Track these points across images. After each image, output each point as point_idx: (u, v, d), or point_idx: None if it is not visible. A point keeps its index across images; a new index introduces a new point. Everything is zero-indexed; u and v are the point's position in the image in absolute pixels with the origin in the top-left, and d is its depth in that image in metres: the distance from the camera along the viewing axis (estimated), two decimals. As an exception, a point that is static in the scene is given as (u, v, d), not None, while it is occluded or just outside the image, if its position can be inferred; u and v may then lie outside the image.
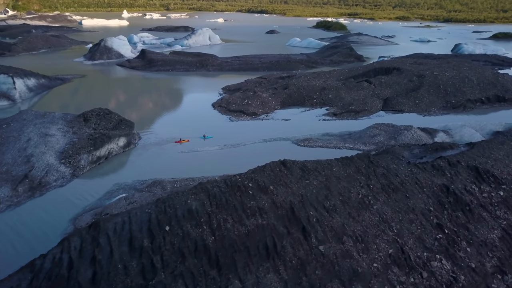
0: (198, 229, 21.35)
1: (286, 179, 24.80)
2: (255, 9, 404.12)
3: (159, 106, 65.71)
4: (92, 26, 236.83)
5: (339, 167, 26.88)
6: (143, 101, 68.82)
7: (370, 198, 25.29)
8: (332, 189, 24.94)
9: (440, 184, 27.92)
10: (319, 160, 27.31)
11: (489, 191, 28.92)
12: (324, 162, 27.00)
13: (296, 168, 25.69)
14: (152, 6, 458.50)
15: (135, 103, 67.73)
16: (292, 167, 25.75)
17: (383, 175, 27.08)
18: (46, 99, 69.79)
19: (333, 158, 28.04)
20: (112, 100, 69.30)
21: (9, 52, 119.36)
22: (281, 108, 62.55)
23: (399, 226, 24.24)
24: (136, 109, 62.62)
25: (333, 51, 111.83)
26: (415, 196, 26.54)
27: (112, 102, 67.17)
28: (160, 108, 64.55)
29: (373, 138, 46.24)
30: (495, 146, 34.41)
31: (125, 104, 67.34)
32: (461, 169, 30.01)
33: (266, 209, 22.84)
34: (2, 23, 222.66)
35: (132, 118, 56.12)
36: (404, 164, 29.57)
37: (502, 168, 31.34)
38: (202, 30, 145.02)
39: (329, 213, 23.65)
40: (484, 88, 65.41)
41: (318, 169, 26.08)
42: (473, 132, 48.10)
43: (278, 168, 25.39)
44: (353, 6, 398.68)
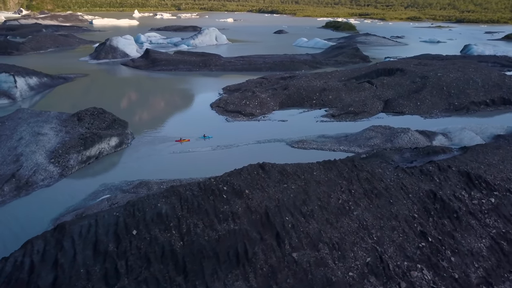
0: (167, 233, 20.73)
1: (263, 182, 24.04)
2: (266, 9, 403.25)
3: (156, 106, 65.42)
4: (103, 26, 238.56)
5: (320, 171, 26.01)
6: (141, 100, 68.54)
7: (350, 203, 24.39)
8: (311, 194, 24.10)
9: (427, 189, 26.86)
10: (300, 163, 26.50)
11: (480, 197, 27.76)
12: (304, 165, 26.17)
13: (274, 172, 24.91)
14: (163, 6, 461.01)
15: (133, 102, 67.54)
16: (271, 170, 24.98)
17: (367, 180, 26.13)
18: (47, 98, 70.03)
19: (315, 162, 27.15)
20: (111, 99, 69.14)
21: (17, 51, 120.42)
22: (280, 109, 61.72)
23: (380, 233, 23.30)
24: (132, 109, 62.34)
25: (339, 51, 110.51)
26: (399, 202, 25.55)
27: (111, 101, 66.91)
28: (157, 107, 64.28)
29: (369, 140, 45.15)
30: (490, 151, 33.15)
31: (123, 103, 67.14)
32: (451, 174, 28.89)
33: (239, 214, 22.12)
34: (15, 22, 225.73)
35: (128, 117, 55.85)
36: (390, 168, 28.56)
37: (495, 174, 30.12)
38: (209, 30, 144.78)
39: (306, 218, 22.83)
40: (489, 90, 63.68)
41: (298, 173, 25.26)
42: (473, 135, 46.68)
43: (256, 171, 24.64)
44: (365, 6, 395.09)
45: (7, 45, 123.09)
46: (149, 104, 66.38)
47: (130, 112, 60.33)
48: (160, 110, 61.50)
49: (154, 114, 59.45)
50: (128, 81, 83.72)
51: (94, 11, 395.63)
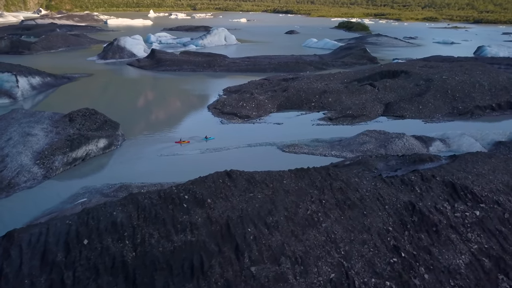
0: (119, 243, 19.96)
1: (228, 191, 23.08)
2: (281, 9, 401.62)
3: (152, 107, 64.96)
4: (117, 26, 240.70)
5: (291, 180, 24.90)
6: (139, 101, 68.29)
7: (320, 214, 23.22)
8: (278, 204, 23.03)
9: (406, 201, 25.47)
10: (270, 171, 25.43)
11: (464, 210, 26.22)
12: (275, 173, 25.09)
13: (242, 180, 23.92)
14: (179, 6, 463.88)
15: (130, 103, 67.13)
16: (238, 178, 23.99)
17: (340, 190, 24.89)
18: (48, 98, 70.42)
19: (287, 169, 26.05)
20: (110, 99, 69.20)
21: (28, 50, 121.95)
22: (278, 111, 60.62)
23: (348, 247, 22.08)
24: (128, 109, 61.95)
25: (347, 52, 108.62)
26: (374, 214, 24.25)
27: (109, 102, 66.93)
28: (153, 108, 63.81)
29: (362, 145, 43.70)
30: (481, 160, 31.46)
31: (120, 104, 66.82)
32: (434, 185, 27.40)
33: (198, 225, 21.22)
34: (32, 22, 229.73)
35: (123, 118, 55.54)
36: (368, 177, 27.22)
37: (484, 185, 28.48)
38: (218, 30, 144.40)
39: (270, 230, 21.78)
40: (496, 93, 61.31)
41: (267, 181, 24.20)
42: (473, 141, 44.78)
43: (222, 179, 23.69)
44: (381, 7, 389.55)
45: (18, 44, 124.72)
46: (145, 105, 66.03)
47: (125, 112, 59.99)
48: (156, 111, 61.10)
49: (149, 115, 59.03)
50: (130, 82, 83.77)
51: (111, 11, 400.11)
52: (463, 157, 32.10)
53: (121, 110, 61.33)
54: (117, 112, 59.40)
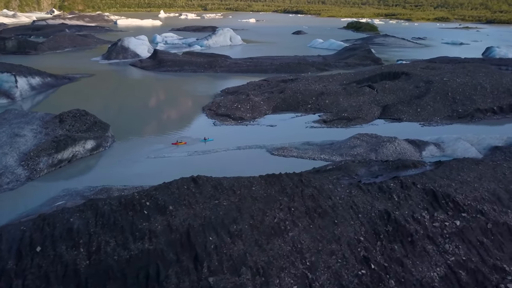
0: (73, 251, 19.42)
1: (192, 198, 22.39)
2: (291, 9, 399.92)
3: (148, 108, 64.58)
4: (127, 26, 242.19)
5: (260, 186, 24.09)
6: (134, 102, 67.92)
7: (287, 223, 22.38)
8: (244, 212, 22.25)
9: (382, 209, 24.47)
10: (239, 177, 24.66)
11: (443, 219, 25.10)
12: (244, 179, 24.31)
13: (208, 186, 23.20)
14: (190, 7, 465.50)
15: (125, 103, 66.89)
16: (204, 184, 23.28)
17: (311, 197, 24.00)
18: (47, 98, 70.69)
19: (258, 175, 25.23)
20: (107, 100, 69.08)
21: (35, 50, 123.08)
22: (273, 113, 59.79)
23: (315, 258, 21.20)
24: (122, 110, 61.75)
25: (351, 53, 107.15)
26: (345, 223, 23.31)
27: (106, 102, 66.87)
28: (148, 109, 63.41)
29: (353, 149, 42.61)
30: (467, 167, 30.21)
31: (115, 104, 66.60)
32: (414, 193, 26.31)
33: (157, 232, 20.57)
34: (43, 22, 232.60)
35: (116, 119, 55.60)
36: (344, 184, 26.25)
37: (467, 193, 27.28)
38: (223, 30, 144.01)
39: (233, 239, 21.02)
40: (498, 96, 59.49)
41: (234, 188, 23.44)
42: (468, 146, 43.34)
43: (187, 185, 23.00)
44: (393, 7, 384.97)
45: (25, 44, 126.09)
46: (141, 106, 65.63)
47: (120, 113, 59.90)
48: (150, 113, 60.68)
49: (143, 116, 58.60)
50: (129, 82, 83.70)
51: (123, 11, 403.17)
52: (448, 163, 30.87)
53: (116, 111, 61.28)
54: (112, 112, 59.40)
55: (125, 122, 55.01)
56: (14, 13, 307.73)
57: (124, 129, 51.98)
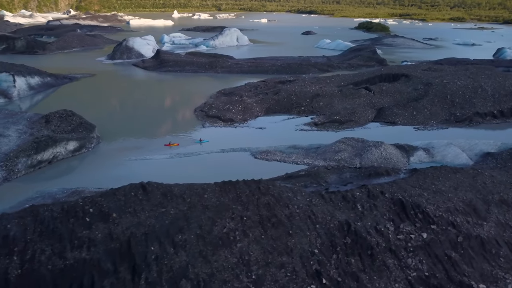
0: (6, 259, 18.81)
1: (138, 205, 21.59)
2: (305, 9, 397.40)
3: (140, 108, 63.97)
4: (139, 26, 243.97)
5: (213, 193, 23.14)
6: (128, 102, 67.76)
7: (237, 233, 21.39)
8: (192, 220, 21.35)
9: (342, 220, 23.25)
10: (193, 184, 23.76)
11: (409, 232, 23.73)
12: (197, 186, 23.40)
13: (157, 193, 22.37)
14: (204, 7, 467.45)
15: (119, 104, 66.80)
16: (153, 191, 22.46)
17: (267, 206, 22.94)
18: (45, 98, 71.03)
19: (213, 182, 24.28)
20: (102, 100, 69.00)
21: (43, 50, 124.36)
22: (265, 115, 58.76)
23: (262, 271, 20.15)
24: (115, 110, 61.60)
25: (355, 54, 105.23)
26: (301, 233, 22.19)
27: (100, 103, 66.77)
28: (140, 110, 62.78)
29: (337, 154, 41.25)
30: (444, 175, 28.68)
31: (109, 104, 66.43)
32: (380, 202, 25.00)
33: (97, 241, 19.83)
34: (57, 22, 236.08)
35: (106, 119, 55.45)
36: (305, 192, 25.07)
37: (440, 204, 25.82)
38: (230, 30, 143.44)
39: (176, 249, 20.14)
40: (499, 100, 57.20)
41: (185, 195, 22.55)
42: (459, 152, 41.56)
43: (135, 192, 22.22)
44: (408, 7, 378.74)
45: (34, 44, 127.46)
46: (133, 106, 65.21)
47: (110, 114, 59.74)
48: (141, 113, 60.14)
49: (133, 116, 58.16)
50: (128, 82, 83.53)
51: (138, 12, 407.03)
52: (423, 171, 29.37)
53: (108, 111, 61.09)
54: (103, 113, 59.22)
55: (114, 123, 54.73)
56: (31, 14, 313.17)
57: (112, 130, 51.65)
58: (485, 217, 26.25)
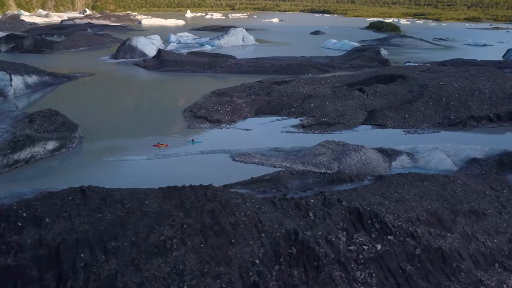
0: None
1: (74, 210, 20.99)
2: (318, 9, 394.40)
3: (129, 108, 63.92)
4: (150, 25, 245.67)
5: (156, 199, 22.38)
6: (120, 101, 67.75)
7: (175, 241, 20.58)
8: (128, 227, 20.64)
9: (290, 229, 22.22)
10: (136, 188, 23.06)
11: (362, 242, 22.55)
12: (139, 191, 22.68)
13: (96, 198, 21.74)
14: (219, 6, 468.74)
15: (111, 103, 66.57)
16: (93, 195, 21.84)
17: (211, 213, 22.06)
18: (41, 97, 71.52)
19: (158, 187, 23.50)
20: (94, 100, 68.97)
21: (50, 49, 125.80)
22: (255, 116, 57.86)
23: (196, 281, 19.30)
24: (103, 110, 61.29)
25: (358, 54, 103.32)
26: (244, 243, 21.26)
27: (92, 102, 66.73)
28: (128, 110, 62.70)
29: (316, 157, 40.11)
30: (410, 183, 27.33)
31: (100, 104, 66.07)
32: (336, 211, 23.86)
33: (26, 247, 19.30)
34: (70, 22, 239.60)
35: (93, 119, 55.46)
36: (255, 199, 24.07)
37: (401, 213, 24.53)
38: (236, 30, 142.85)
39: (107, 257, 19.45)
40: (497, 102, 55.03)
41: (125, 200, 21.86)
42: (444, 157, 39.92)
43: (72, 196, 21.65)
44: (424, 6, 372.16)
45: (41, 43, 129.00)
46: (123, 106, 65.13)
47: (99, 113, 59.49)
48: (129, 113, 59.97)
49: (120, 117, 57.93)
50: (125, 82, 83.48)
51: (153, 11, 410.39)
52: (389, 178, 28.05)
53: (96, 111, 60.73)
54: (91, 113, 59.08)
55: (100, 123, 54.52)
56: (46, 13, 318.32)
57: (97, 129, 51.42)
58: (450, 228, 24.88)
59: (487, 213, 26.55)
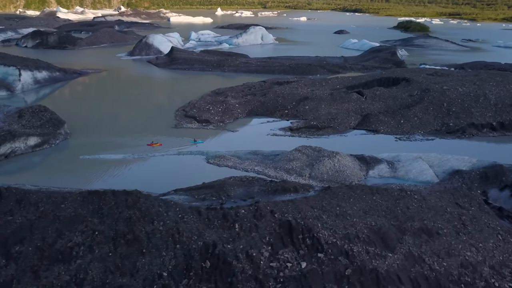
0: None
1: (-15, 212, 20.72)
2: (350, 7, 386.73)
3: (123, 106, 63.91)
4: (178, 23, 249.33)
5: (73, 203, 21.79)
6: (117, 99, 68.22)
7: (82, 248, 19.92)
8: (37, 231, 20.18)
9: (208, 241, 21.08)
10: (54, 191, 22.59)
11: (287, 259, 21.11)
12: (57, 194, 22.16)
13: (11, 199, 21.41)
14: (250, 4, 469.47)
15: (109, 100, 67.15)
16: (8, 197, 21.52)
17: (127, 220, 21.25)
18: (47, 92, 73.30)
19: (79, 191, 22.91)
20: (96, 96, 69.95)
21: (73, 45, 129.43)
22: (246, 117, 56.77)
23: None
24: (100, 107, 61.90)
25: (374, 55, 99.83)
26: (156, 253, 20.33)
27: (93, 99, 67.71)
28: (122, 107, 62.78)
29: (289, 163, 38.61)
30: (358, 195, 25.45)
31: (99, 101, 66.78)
32: (265, 223, 22.49)
33: None
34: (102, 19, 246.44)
35: (81, 115, 56.07)
36: (180, 208, 23.01)
37: (339, 229, 22.84)
38: (255, 29, 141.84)
39: (8, 261, 19.04)
40: (502, 110, 51.30)
41: (40, 203, 21.41)
42: (425, 168, 37.43)
43: (-11, 197, 21.38)
44: (462, 5, 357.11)
45: (65, 40, 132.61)
46: (119, 104, 65.36)
47: (90, 110, 60.06)
48: (121, 111, 60.27)
49: (111, 115, 58.15)
50: (132, 79, 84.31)
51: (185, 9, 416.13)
52: (334, 190, 26.20)
53: (90, 108, 61.43)
54: (84, 109, 59.97)
55: (91, 120, 54.95)
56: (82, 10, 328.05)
57: (86, 126, 51.95)
58: (394, 247, 22.94)
59: (441, 233, 24.35)
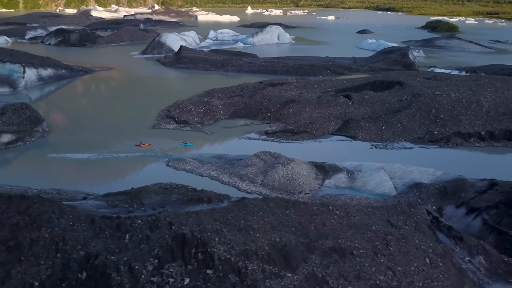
0: None
1: None
2: (383, 6, 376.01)
3: (112, 105, 64.61)
4: (206, 21, 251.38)
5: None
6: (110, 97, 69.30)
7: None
8: None
9: (91, 251, 20.49)
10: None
11: (171, 274, 20.19)
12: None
13: None
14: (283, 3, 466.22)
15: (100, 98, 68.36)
16: None
17: (14, 226, 20.95)
18: (50, 89, 75.39)
19: None
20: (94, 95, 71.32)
21: (93, 43, 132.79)
22: (228, 119, 56.02)
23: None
24: (88, 105, 62.97)
25: (384, 56, 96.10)
26: (33, 261, 19.97)
27: (91, 98, 69.03)
28: (110, 107, 63.37)
29: (245, 169, 37.49)
30: (270, 209, 24.02)
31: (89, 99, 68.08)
32: (158, 235, 21.62)
33: None
34: (131, 17, 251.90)
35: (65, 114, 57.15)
36: (73, 215, 22.49)
37: (238, 245, 21.65)
38: (271, 28, 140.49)
39: None
40: (494, 118, 47.77)
41: None
42: (385, 179, 35.30)
43: None
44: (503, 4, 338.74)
45: (86, 38, 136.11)
46: (109, 103, 66.30)
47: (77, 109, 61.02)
48: (108, 111, 60.78)
49: (95, 114, 58.67)
50: (133, 77, 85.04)
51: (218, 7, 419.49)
52: (247, 202, 24.82)
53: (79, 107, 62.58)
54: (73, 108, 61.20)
55: (73, 118, 55.89)
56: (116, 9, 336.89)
57: (66, 124, 52.96)
58: (296, 267, 21.50)
59: (356, 253, 22.62)
